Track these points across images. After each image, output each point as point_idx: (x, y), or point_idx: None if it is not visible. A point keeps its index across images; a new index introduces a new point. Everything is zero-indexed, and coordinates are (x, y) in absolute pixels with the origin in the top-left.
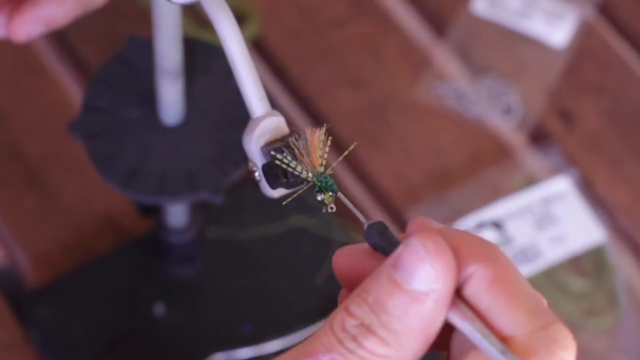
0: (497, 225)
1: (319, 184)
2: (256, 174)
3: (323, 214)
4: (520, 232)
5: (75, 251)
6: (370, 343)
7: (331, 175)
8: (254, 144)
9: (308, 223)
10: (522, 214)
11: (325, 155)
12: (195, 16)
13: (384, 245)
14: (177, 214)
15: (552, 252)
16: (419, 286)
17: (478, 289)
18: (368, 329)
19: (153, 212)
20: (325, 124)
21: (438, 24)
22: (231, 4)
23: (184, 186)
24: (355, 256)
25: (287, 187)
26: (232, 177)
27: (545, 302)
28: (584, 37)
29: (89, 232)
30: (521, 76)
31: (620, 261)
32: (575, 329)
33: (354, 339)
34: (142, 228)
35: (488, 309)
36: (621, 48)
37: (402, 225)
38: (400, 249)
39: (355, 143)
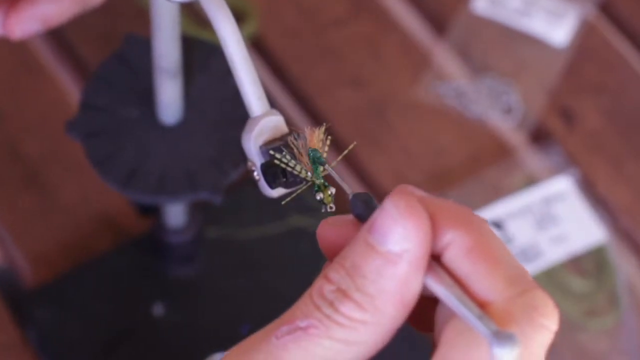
0: (497, 225)
1: (318, 182)
2: (255, 173)
3: (323, 214)
4: (521, 232)
5: (73, 251)
6: (346, 307)
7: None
8: (253, 143)
9: (307, 223)
10: (523, 214)
11: (325, 155)
12: (194, 15)
13: (368, 215)
14: (176, 214)
15: (553, 252)
16: (392, 247)
17: (457, 256)
18: (344, 294)
19: (152, 212)
20: (324, 123)
21: (438, 23)
22: (230, 2)
23: (183, 186)
24: (340, 227)
25: (286, 187)
26: (231, 177)
27: (527, 272)
28: (585, 36)
29: (88, 232)
30: (521, 75)
31: (621, 261)
32: (575, 329)
33: (331, 304)
34: (141, 228)
35: (467, 275)
36: (622, 47)
37: None
38: (376, 212)
39: (355, 142)
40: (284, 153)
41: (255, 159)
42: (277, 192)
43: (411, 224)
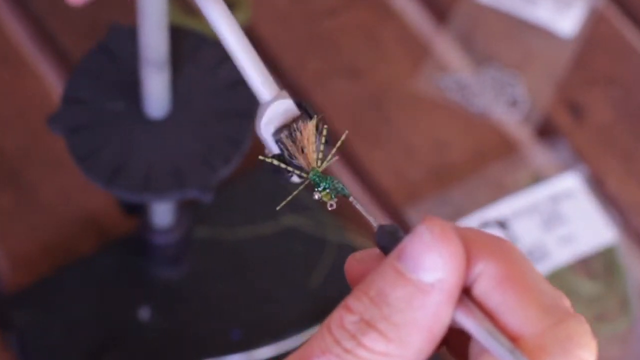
0: (501, 224)
1: (319, 182)
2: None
3: (317, 213)
4: (526, 232)
5: (55, 252)
6: (370, 339)
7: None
8: (264, 131)
9: (301, 222)
10: (528, 212)
11: (322, 148)
12: (181, 3)
13: (393, 247)
14: (162, 213)
15: (560, 254)
16: (424, 275)
17: (488, 288)
18: (368, 324)
19: (137, 211)
20: (317, 114)
21: (439, 11)
22: None
23: (170, 183)
24: (368, 262)
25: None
26: (222, 174)
27: (566, 300)
28: (594, 25)
29: (70, 232)
30: (527, 67)
31: (632, 263)
32: None
33: (353, 337)
34: (126, 228)
35: (498, 307)
36: (633, 37)
37: (402, 227)
38: (406, 238)
39: (347, 131)
40: (282, 150)
41: (271, 146)
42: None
43: (446, 252)
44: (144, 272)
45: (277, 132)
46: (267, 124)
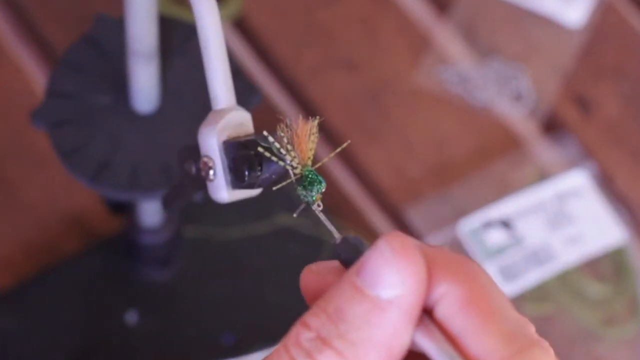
0: (505, 224)
1: (308, 177)
2: (211, 172)
3: (312, 212)
4: (532, 232)
5: (38, 253)
6: (325, 356)
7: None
8: (217, 137)
9: (296, 222)
10: (534, 212)
11: (313, 145)
12: None
13: (355, 260)
14: (150, 212)
15: (567, 255)
16: (382, 292)
17: (451, 310)
18: (324, 342)
19: (124, 210)
20: (316, 117)
21: (440, 1)
22: None
23: (158, 181)
24: (324, 275)
25: (257, 184)
26: None
27: (531, 327)
28: (603, 16)
29: (54, 232)
30: (532, 59)
31: None
32: (592, 339)
33: (308, 354)
34: (112, 227)
35: (460, 331)
36: None
37: (402, 226)
38: (366, 253)
39: (349, 141)
40: (272, 142)
41: (216, 154)
42: (233, 195)
43: (406, 268)
44: (131, 274)
45: (227, 142)
46: (222, 131)
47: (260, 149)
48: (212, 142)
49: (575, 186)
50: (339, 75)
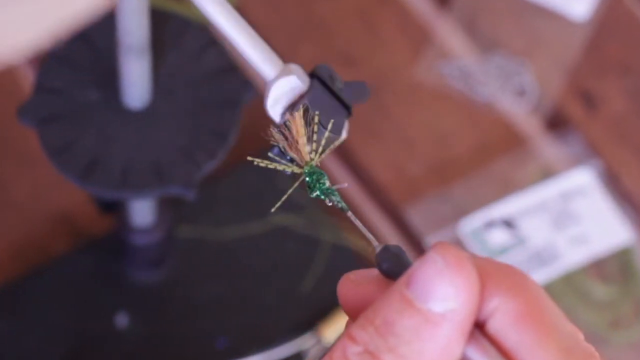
0: (508, 223)
1: (311, 179)
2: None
3: (310, 212)
4: (535, 231)
5: (26, 254)
6: None
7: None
8: (272, 112)
9: (293, 221)
10: (537, 211)
11: (316, 138)
12: None
13: (399, 272)
14: (142, 212)
15: (572, 255)
16: (434, 305)
17: (503, 325)
18: (372, 356)
19: (115, 209)
20: (303, 105)
21: None
22: None
23: (150, 179)
24: (365, 285)
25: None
26: (206, 169)
27: (581, 336)
28: (608, 9)
29: (42, 231)
30: (536, 53)
31: None
32: (598, 342)
33: None
34: (103, 227)
35: (515, 347)
36: None
37: (402, 226)
38: (416, 264)
39: (343, 137)
40: (271, 156)
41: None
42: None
43: (460, 280)
44: (121, 275)
45: (285, 112)
46: (274, 105)
47: (262, 164)
48: (272, 117)
49: (580, 184)
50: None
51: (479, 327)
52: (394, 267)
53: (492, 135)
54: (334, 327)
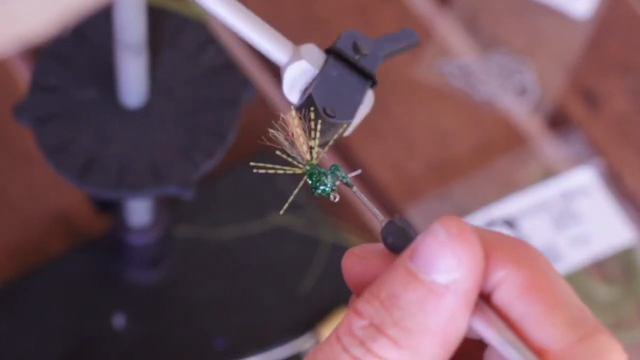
0: (509, 223)
1: (315, 178)
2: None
3: (308, 211)
4: (537, 231)
5: (21, 254)
6: (380, 345)
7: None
8: (290, 98)
9: (291, 221)
10: (539, 211)
11: (314, 135)
12: None
13: (404, 246)
14: (139, 211)
15: (574, 255)
16: (438, 276)
17: (510, 296)
18: (378, 329)
19: (112, 209)
20: (292, 105)
21: None
22: None
23: (147, 179)
24: (370, 259)
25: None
26: (204, 169)
27: (590, 312)
28: (611, 6)
29: (38, 231)
30: (537, 51)
31: None
32: None
33: (362, 343)
34: (100, 227)
35: (521, 318)
36: None
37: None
38: (419, 237)
39: (336, 135)
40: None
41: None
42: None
43: (463, 251)
44: (119, 275)
45: (302, 96)
46: (290, 90)
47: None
48: (294, 102)
49: (582, 184)
50: None
51: (485, 299)
52: (399, 241)
53: (493, 134)
54: (333, 328)
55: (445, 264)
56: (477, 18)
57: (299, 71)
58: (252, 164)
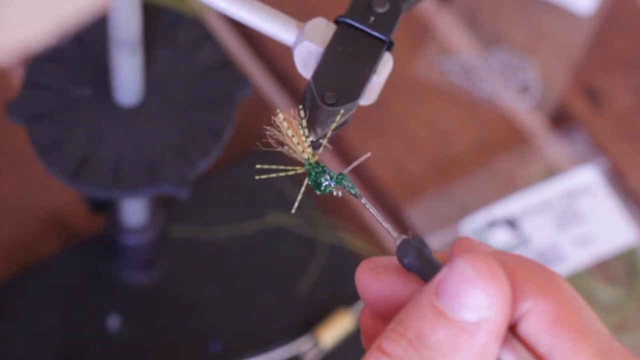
0: (511, 223)
1: (316, 175)
2: None
3: (306, 211)
4: (539, 231)
5: (14, 254)
6: None
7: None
8: (307, 76)
9: (288, 221)
10: (541, 210)
11: (304, 133)
12: None
13: (423, 267)
14: (134, 211)
15: (577, 256)
16: (468, 315)
17: (537, 328)
18: None
19: (106, 209)
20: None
21: None
22: None
23: (142, 178)
24: (386, 276)
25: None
26: (200, 168)
27: (616, 341)
28: (614, 2)
29: (31, 232)
30: (540, 48)
31: None
32: None
33: None
34: (93, 227)
35: (550, 350)
36: None
37: (402, 226)
38: (443, 271)
39: (331, 131)
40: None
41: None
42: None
43: (492, 288)
44: (113, 277)
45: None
46: (304, 69)
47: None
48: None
49: (585, 183)
50: None
51: (511, 329)
52: (415, 263)
53: (495, 132)
54: (331, 330)
55: (475, 302)
56: (479, 14)
57: (305, 52)
58: (257, 166)
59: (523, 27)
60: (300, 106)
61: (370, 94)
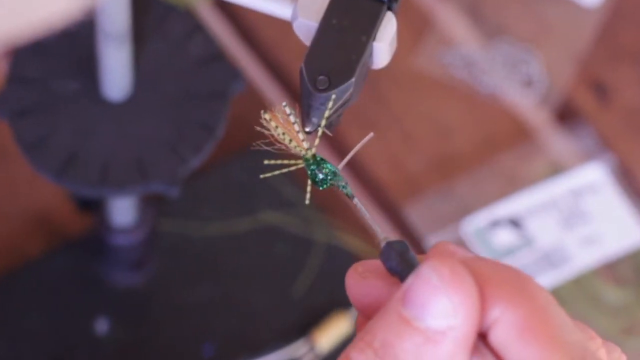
0: (514, 223)
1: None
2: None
3: (301, 210)
4: (544, 231)
5: None
6: None
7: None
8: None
9: (283, 220)
10: (546, 209)
11: (297, 127)
12: None
13: (402, 271)
14: (123, 210)
15: (583, 256)
16: (433, 323)
17: (507, 337)
18: None
19: (94, 207)
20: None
21: None
22: None
23: (131, 176)
24: (372, 279)
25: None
26: (191, 165)
27: (595, 341)
28: None
29: (16, 231)
30: (544, 40)
31: None
32: None
33: None
34: (81, 226)
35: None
36: None
37: (401, 225)
38: (410, 279)
39: (322, 125)
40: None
41: None
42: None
43: (458, 295)
44: (101, 278)
45: None
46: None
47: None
48: None
49: (592, 181)
50: None
51: (482, 338)
52: (397, 267)
53: (498, 128)
54: (327, 334)
55: (440, 310)
56: (481, 5)
57: (303, 29)
58: (265, 162)
59: (527, 19)
60: (285, 103)
61: (380, 60)
